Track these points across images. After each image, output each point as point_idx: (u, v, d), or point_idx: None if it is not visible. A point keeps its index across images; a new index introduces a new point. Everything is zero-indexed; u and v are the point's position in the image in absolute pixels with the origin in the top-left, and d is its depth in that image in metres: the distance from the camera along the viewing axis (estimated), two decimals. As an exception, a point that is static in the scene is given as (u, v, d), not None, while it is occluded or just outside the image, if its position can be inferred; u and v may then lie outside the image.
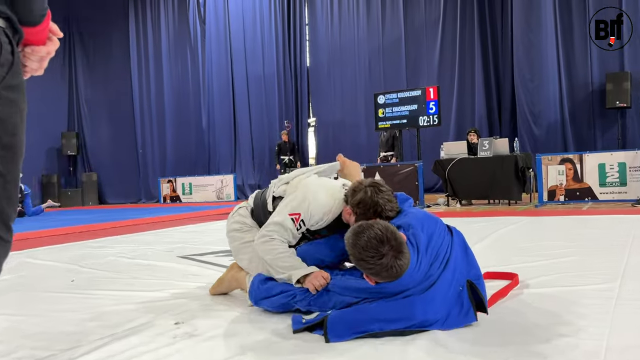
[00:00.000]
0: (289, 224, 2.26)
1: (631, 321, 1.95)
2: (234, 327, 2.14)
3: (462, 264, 2.11)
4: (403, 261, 1.89)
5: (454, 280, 2.02)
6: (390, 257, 1.86)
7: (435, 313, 1.93)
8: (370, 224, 1.96)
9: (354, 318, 1.93)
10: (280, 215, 2.29)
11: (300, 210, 2.26)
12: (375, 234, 1.89)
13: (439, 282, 1.99)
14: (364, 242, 1.89)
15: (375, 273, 1.91)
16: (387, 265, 1.87)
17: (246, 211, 2.58)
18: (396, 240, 1.89)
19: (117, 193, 16.34)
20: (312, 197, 2.28)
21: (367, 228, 1.92)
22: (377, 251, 1.86)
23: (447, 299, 1.97)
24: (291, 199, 2.32)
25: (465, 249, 2.19)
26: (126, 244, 5.25)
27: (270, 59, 14.43)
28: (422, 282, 1.97)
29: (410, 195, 8.08)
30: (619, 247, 3.53)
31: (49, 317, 2.43)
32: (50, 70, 13.43)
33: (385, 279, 1.93)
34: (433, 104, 9.53)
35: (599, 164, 7.52)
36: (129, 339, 2.03)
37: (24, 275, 3.66)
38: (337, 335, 1.89)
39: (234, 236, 2.53)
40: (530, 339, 1.81)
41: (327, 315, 1.95)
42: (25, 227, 7.91)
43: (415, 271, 1.95)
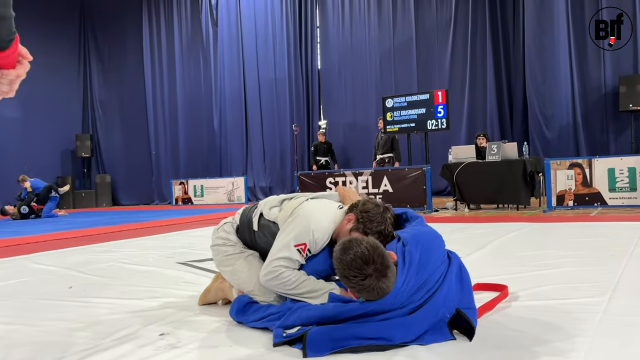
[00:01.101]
0: (296, 255, 2.22)
1: (611, 339, 1.93)
2: (217, 339, 2.15)
3: (456, 292, 2.08)
4: (386, 284, 1.89)
5: (444, 307, 2.00)
6: (373, 279, 1.87)
7: (414, 336, 1.93)
8: (359, 240, 1.95)
9: (333, 334, 1.92)
10: (285, 248, 2.23)
11: (305, 240, 2.22)
12: (362, 252, 1.88)
13: (424, 308, 1.97)
14: (350, 260, 1.89)
15: (357, 291, 1.92)
16: (369, 287, 1.88)
17: (231, 228, 2.56)
18: (382, 262, 1.89)
19: (130, 195, 16.53)
20: (314, 226, 2.23)
21: (355, 245, 1.92)
22: (360, 271, 1.86)
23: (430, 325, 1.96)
24: (292, 228, 2.26)
25: (460, 277, 2.15)
26: (130, 248, 5.30)
27: (282, 62, 14.48)
28: (404, 304, 1.96)
29: (418, 199, 8.09)
30: (618, 257, 3.49)
31: (40, 326, 2.46)
32: (66, 74, 13.78)
33: (367, 298, 1.94)
34: (441, 108, 9.48)
35: (609, 168, 7.43)
36: (113, 350, 2.05)
37: (26, 280, 3.72)
38: (315, 350, 1.88)
39: (217, 250, 2.53)
40: (505, 355, 1.80)
41: (308, 330, 1.95)
42: (36, 229, 8.04)
43: (399, 290, 1.93)
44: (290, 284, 2.21)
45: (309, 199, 2.42)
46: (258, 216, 2.48)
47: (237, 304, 2.33)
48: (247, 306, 2.30)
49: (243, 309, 2.29)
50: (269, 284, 2.25)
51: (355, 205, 2.32)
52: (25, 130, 15.02)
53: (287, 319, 2.11)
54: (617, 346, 1.85)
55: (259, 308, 2.28)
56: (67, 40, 16.50)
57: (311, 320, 2.04)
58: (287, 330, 2.06)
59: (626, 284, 2.76)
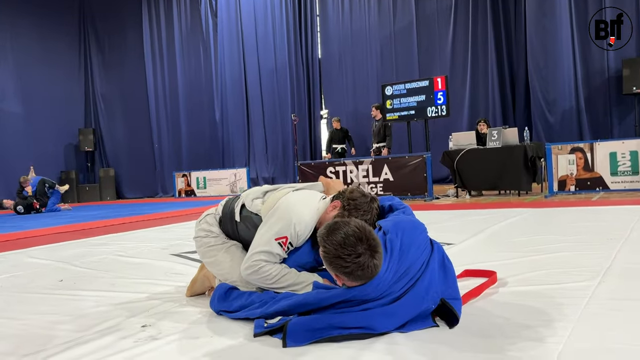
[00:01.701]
0: (277, 249, 2.19)
1: (595, 324, 1.89)
2: (199, 330, 2.13)
3: (439, 281, 2.03)
4: (379, 261, 1.85)
5: (427, 297, 1.96)
6: (367, 257, 1.81)
7: (396, 324, 1.90)
8: (347, 221, 1.91)
9: (314, 324, 1.89)
10: (265, 243, 2.19)
11: (286, 234, 2.18)
12: (353, 231, 1.84)
13: (406, 297, 1.93)
14: (341, 238, 1.83)
15: (349, 272, 1.84)
16: (364, 264, 1.81)
17: (214, 219, 2.53)
18: (374, 239, 1.85)
19: (134, 188, 16.55)
20: (296, 219, 2.19)
21: (344, 225, 1.88)
22: (354, 249, 1.81)
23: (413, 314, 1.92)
24: (274, 222, 2.22)
25: (443, 267, 2.10)
26: (127, 241, 5.30)
27: (282, 51, 14.40)
28: (385, 293, 1.92)
29: (418, 187, 8.04)
30: (614, 242, 3.44)
31: (25, 320, 2.46)
32: (67, 68, 13.74)
33: (357, 280, 1.87)
34: (441, 95, 9.40)
35: (610, 152, 7.34)
36: (93, 343, 2.04)
37: (19, 274, 3.72)
38: (295, 340, 1.85)
39: (200, 241, 2.51)
40: (486, 342, 1.77)
41: (288, 320, 1.92)
42: (36, 224, 8.06)
43: (382, 278, 1.89)
44: (271, 278, 2.18)
45: (292, 191, 2.38)
46: (240, 207, 2.44)
47: (219, 291, 2.31)
48: (228, 292, 2.28)
49: (224, 295, 2.27)
50: (250, 278, 2.22)
51: (342, 192, 2.29)
52: (27, 126, 15.04)
53: (269, 308, 2.09)
54: (598, 331, 1.81)
55: (240, 294, 2.26)
56: (66, 34, 16.47)
57: (292, 309, 2.02)
58: (268, 320, 2.05)
59: (618, 268, 2.72)
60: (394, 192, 8.65)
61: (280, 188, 2.42)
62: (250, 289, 2.30)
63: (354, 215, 2.18)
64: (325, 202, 2.32)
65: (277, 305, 2.07)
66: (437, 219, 5.53)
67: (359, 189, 2.32)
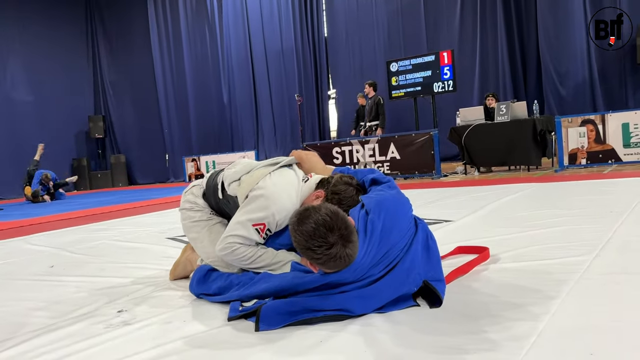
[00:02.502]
0: (253, 234, 2.10)
1: (584, 300, 1.78)
2: (174, 314, 2.06)
3: (422, 262, 1.93)
4: (353, 250, 1.74)
5: (408, 279, 1.86)
6: (339, 247, 1.70)
7: (374, 307, 1.81)
8: (317, 207, 1.79)
9: (288, 308, 1.80)
10: (242, 227, 2.11)
11: (265, 221, 2.09)
12: (323, 219, 1.72)
13: (386, 279, 1.83)
14: (311, 229, 1.72)
15: (322, 263, 1.75)
16: (336, 255, 1.71)
17: (199, 190, 2.46)
18: (346, 227, 1.73)
19: (146, 173, 16.61)
20: (276, 207, 2.09)
21: (314, 212, 1.75)
22: (325, 240, 1.69)
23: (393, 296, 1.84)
24: (252, 208, 2.12)
25: (427, 247, 1.99)
26: (126, 226, 5.27)
27: (288, 32, 14.22)
28: (362, 277, 1.82)
29: (426, 165, 7.90)
30: (617, 215, 3.30)
31: (4, 306, 2.42)
32: (75, 56, 13.73)
33: (331, 269, 1.78)
34: (447, 69, 9.20)
35: (623, 123, 7.13)
36: (64, 330, 1.98)
37: (12, 261, 3.70)
38: (268, 323, 1.77)
39: (185, 214, 2.45)
40: (467, 320, 1.68)
41: (263, 303, 1.84)
42: (43, 212, 8.10)
43: (360, 263, 1.79)
44: (247, 259, 2.11)
45: (269, 173, 2.23)
46: (221, 185, 2.36)
47: (198, 273, 2.25)
48: (207, 274, 2.22)
49: (204, 278, 2.21)
50: (226, 259, 2.17)
51: (327, 182, 2.17)
52: (38, 114, 15.12)
53: (245, 291, 2.02)
54: (586, 307, 1.71)
55: (219, 276, 2.19)
56: (73, 23, 16.45)
57: (269, 292, 1.94)
58: (244, 303, 1.98)
59: (616, 241, 2.60)
60: (401, 171, 8.53)
61: (256, 168, 2.30)
62: (231, 270, 2.23)
63: None
64: (308, 185, 2.21)
65: (254, 288, 2.00)
66: (440, 195, 5.41)
67: (343, 177, 2.19)
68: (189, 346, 1.70)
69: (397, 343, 1.55)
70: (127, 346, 1.75)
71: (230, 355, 1.60)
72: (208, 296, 2.18)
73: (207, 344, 1.72)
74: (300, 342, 1.63)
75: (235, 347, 1.66)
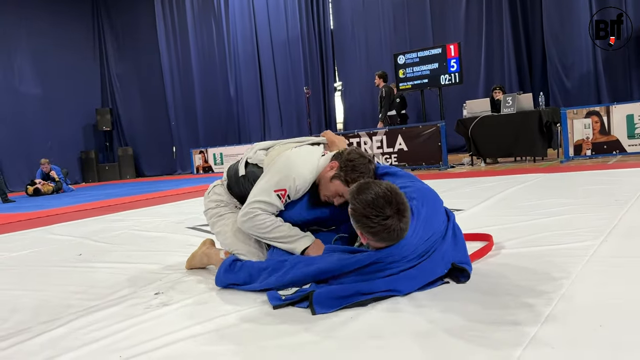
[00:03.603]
0: (275, 200, 2.24)
1: (592, 278, 1.93)
2: (208, 296, 2.20)
3: (451, 248, 2.07)
4: (406, 225, 1.87)
5: (442, 263, 2.01)
6: (395, 220, 1.83)
7: (415, 287, 1.94)
8: (378, 182, 1.93)
9: (340, 293, 1.89)
10: (264, 192, 2.25)
11: (285, 186, 2.24)
12: (383, 192, 1.85)
13: (424, 263, 1.96)
14: (371, 198, 1.84)
15: (374, 232, 1.86)
16: (390, 227, 1.83)
17: (222, 188, 2.58)
18: (403, 203, 1.86)
19: (153, 166, 16.76)
20: (296, 173, 2.24)
21: (375, 185, 1.89)
22: (383, 211, 1.82)
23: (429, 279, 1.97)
24: (273, 173, 2.27)
25: (454, 234, 2.14)
26: (144, 216, 5.42)
27: (294, 23, 14.30)
28: (409, 257, 1.94)
29: (433, 157, 8.00)
30: (621, 203, 3.43)
31: (45, 291, 2.57)
32: (82, 49, 13.86)
33: (381, 241, 1.89)
34: (454, 62, 9.29)
35: (627, 115, 7.23)
36: (106, 310, 2.13)
37: (39, 250, 3.85)
38: (323, 306, 1.85)
39: (209, 213, 2.56)
40: (485, 299, 1.81)
41: (313, 291, 1.91)
42: (55, 203, 8.26)
43: (408, 241, 1.92)
44: (265, 227, 2.23)
45: (294, 147, 2.42)
46: (244, 162, 2.49)
47: (224, 265, 2.32)
48: (232, 264, 2.30)
49: (229, 268, 2.28)
50: (244, 226, 2.28)
51: (341, 153, 2.31)
52: (46, 108, 15.26)
53: (284, 276, 2.08)
54: (595, 286, 1.85)
55: (245, 264, 2.27)
56: (80, 16, 16.55)
57: (311, 276, 2.02)
58: (281, 291, 2.04)
59: (622, 228, 2.73)
60: (408, 162, 8.65)
61: (283, 143, 2.46)
62: (252, 258, 2.34)
63: (350, 176, 2.20)
64: (325, 158, 2.35)
65: (293, 272, 2.07)
66: (449, 186, 5.54)
67: (357, 149, 2.34)
68: (227, 324, 1.85)
69: (421, 319, 1.69)
70: (169, 324, 1.90)
71: (269, 330, 1.74)
72: (237, 286, 2.24)
73: (245, 320, 1.86)
74: (331, 319, 1.77)
75: (271, 323, 1.80)
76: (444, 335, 1.54)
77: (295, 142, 2.50)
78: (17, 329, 2.00)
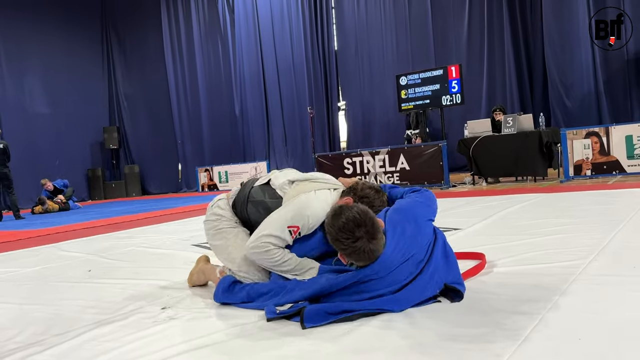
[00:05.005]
0: (287, 236, 2.31)
1: (577, 296, 2.03)
2: (213, 312, 2.31)
3: (442, 268, 2.17)
4: (376, 247, 2.00)
5: (430, 284, 2.10)
6: (364, 241, 1.97)
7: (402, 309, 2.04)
8: (350, 206, 2.07)
9: (328, 310, 2.01)
10: (278, 227, 2.32)
11: (299, 223, 2.31)
12: (353, 216, 1.99)
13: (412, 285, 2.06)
14: (341, 223, 1.99)
15: (348, 254, 2.03)
16: (360, 249, 1.98)
17: (225, 204, 2.65)
18: (372, 225, 1.99)
19: (159, 183, 16.93)
20: (311, 211, 2.32)
21: (346, 210, 2.03)
22: (352, 234, 1.97)
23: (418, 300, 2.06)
24: (290, 209, 2.35)
25: (445, 254, 2.24)
26: (151, 234, 5.54)
27: (299, 45, 14.54)
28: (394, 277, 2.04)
29: (435, 176, 8.07)
30: (615, 223, 3.53)
31: (57, 305, 2.68)
32: (90, 69, 14.14)
33: (357, 261, 2.04)
34: (455, 83, 9.46)
35: (626, 135, 7.34)
36: (117, 323, 2.24)
37: (50, 266, 3.97)
38: (312, 321, 1.97)
39: (209, 224, 2.64)
40: (475, 314, 1.91)
41: (304, 307, 2.03)
42: (64, 221, 8.39)
43: (389, 257, 2.02)
44: (275, 261, 2.32)
45: (314, 191, 2.45)
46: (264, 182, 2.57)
47: (222, 284, 2.42)
48: (232, 286, 2.40)
49: (228, 289, 2.38)
50: (253, 257, 2.36)
51: (354, 189, 2.42)
52: (54, 126, 15.50)
53: (282, 299, 2.21)
54: (579, 303, 1.95)
55: (244, 286, 2.37)
56: (89, 36, 16.87)
57: (305, 298, 2.15)
58: (279, 307, 2.16)
59: (613, 247, 2.83)
60: (410, 182, 8.76)
61: (311, 180, 2.52)
62: (252, 277, 2.43)
63: None
64: (337, 192, 2.47)
65: (290, 295, 2.20)
66: (449, 205, 5.64)
67: (368, 183, 2.47)
68: (232, 335, 1.96)
69: (413, 334, 1.80)
70: (176, 336, 2.01)
71: (270, 344, 1.85)
72: (235, 304, 2.34)
73: (248, 333, 1.97)
74: (329, 332, 1.88)
75: (274, 337, 1.91)
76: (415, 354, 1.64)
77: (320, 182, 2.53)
78: (31, 341, 2.11)
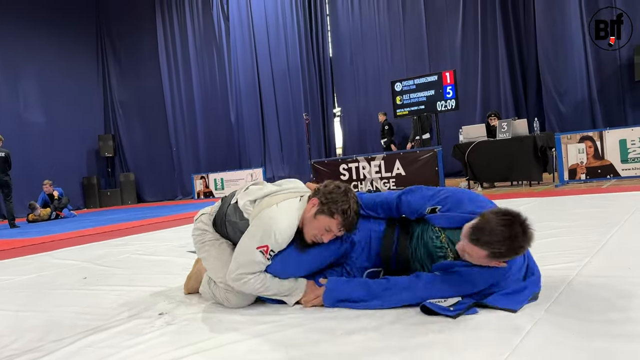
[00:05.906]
0: (259, 257, 2.26)
1: (572, 297, 2.04)
2: (209, 316, 2.31)
3: None
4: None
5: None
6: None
7: None
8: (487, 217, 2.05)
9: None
10: (247, 254, 2.28)
11: (267, 242, 2.25)
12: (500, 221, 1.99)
13: None
14: (499, 231, 1.96)
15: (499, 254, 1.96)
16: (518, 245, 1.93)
17: (208, 219, 2.60)
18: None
19: (154, 191, 16.88)
20: (276, 227, 2.25)
21: (489, 220, 2.03)
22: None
23: None
24: (255, 231, 2.30)
25: None
26: (146, 241, 5.52)
27: (294, 52, 14.59)
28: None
29: (430, 181, 8.03)
30: (610, 226, 3.54)
31: (52, 312, 2.67)
32: (85, 77, 14.10)
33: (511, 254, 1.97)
34: (450, 89, 9.50)
35: (620, 140, 7.39)
36: (113, 329, 2.24)
37: (44, 274, 3.95)
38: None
39: (195, 239, 2.62)
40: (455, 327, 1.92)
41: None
42: (59, 229, 8.36)
43: (513, 271, 2.04)
44: (256, 289, 2.31)
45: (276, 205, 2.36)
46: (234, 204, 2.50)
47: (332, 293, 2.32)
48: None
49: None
50: (236, 287, 2.35)
51: (318, 190, 2.35)
52: (49, 134, 15.45)
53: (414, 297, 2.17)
54: (574, 304, 1.96)
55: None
56: (84, 44, 16.88)
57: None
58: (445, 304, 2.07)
59: (609, 249, 2.84)
60: (406, 187, 8.76)
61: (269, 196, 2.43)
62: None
63: (333, 208, 2.22)
64: (304, 200, 2.38)
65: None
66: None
67: (334, 182, 2.37)
68: (229, 341, 1.96)
69: (414, 334, 1.80)
70: (173, 342, 2.01)
71: (268, 347, 1.84)
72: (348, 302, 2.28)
73: (246, 339, 1.97)
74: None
75: (271, 342, 1.91)
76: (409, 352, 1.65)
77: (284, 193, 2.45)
78: (28, 348, 2.10)
